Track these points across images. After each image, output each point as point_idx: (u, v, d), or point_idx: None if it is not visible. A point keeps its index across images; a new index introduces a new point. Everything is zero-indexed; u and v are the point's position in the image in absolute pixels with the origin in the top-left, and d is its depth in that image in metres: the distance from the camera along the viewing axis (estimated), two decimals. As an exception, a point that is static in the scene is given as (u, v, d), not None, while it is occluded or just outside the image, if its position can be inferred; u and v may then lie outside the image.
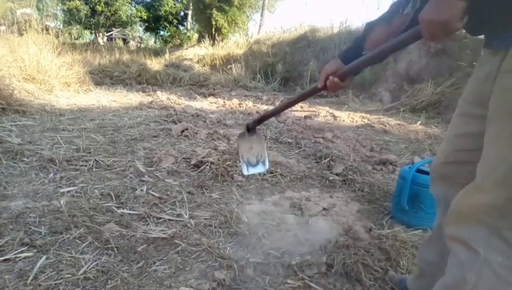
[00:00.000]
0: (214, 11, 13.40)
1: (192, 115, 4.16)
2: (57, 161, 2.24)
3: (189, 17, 19.01)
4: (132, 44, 19.83)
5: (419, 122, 4.72)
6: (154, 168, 2.32)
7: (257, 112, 4.73)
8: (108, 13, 16.85)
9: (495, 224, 0.75)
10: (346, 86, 1.14)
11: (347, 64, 1.09)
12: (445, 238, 0.85)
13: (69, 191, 1.89)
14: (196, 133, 3.25)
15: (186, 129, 3.27)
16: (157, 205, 1.81)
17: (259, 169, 1.59)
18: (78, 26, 16.29)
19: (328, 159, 2.73)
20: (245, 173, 1.58)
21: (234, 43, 12.50)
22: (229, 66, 9.42)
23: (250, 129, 1.58)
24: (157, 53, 12.39)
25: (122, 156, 2.53)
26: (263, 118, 1.54)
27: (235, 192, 2.07)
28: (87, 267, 1.26)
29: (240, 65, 9.37)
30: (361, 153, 3.07)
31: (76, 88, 5.43)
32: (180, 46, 16.66)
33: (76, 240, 1.43)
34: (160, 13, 19.20)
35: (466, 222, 0.79)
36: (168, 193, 1.97)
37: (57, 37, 7.07)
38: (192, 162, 2.42)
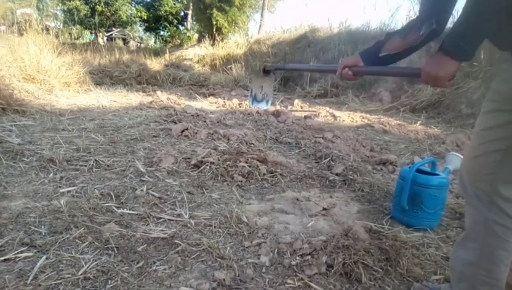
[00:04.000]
0: (215, 11, 13.41)
1: (192, 115, 4.16)
2: (57, 161, 2.24)
3: (189, 17, 19.02)
4: (132, 44, 19.83)
5: (419, 122, 4.72)
6: (154, 168, 2.33)
7: (257, 112, 4.72)
8: (108, 13, 16.85)
9: None
10: (355, 80, 1.41)
11: (364, 61, 1.36)
12: None
13: (69, 191, 1.89)
14: (196, 133, 3.25)
15: (186, 129, 3.26)
16: (157, 205, 1.81)
17: (262, 105, 1.84)
18: (78, 26, 16.30)
19: (328, 159, 2.73)
20: (250, 104, 1.84)
21: (234, 43, 12.50)
22: (229, 66, 9.42)
23: (266, 71, 1.86)
24: (157, 53, 12.38)
25: (122, 156, 2.54)
26: (281, 67, 1.89)
27: (235, 192, 2.07)
28: (87, 267, 1.26)
29: (240, 65, 9.36)
30: (361, 153, 3.07)
31: (76, 88, 5.43)
32: (180, 46, 16.66)
33: (76, 240, 1.43)
34: (160, 13, 19.21)
35: None
36: (168, 193, 1.97)
37: (57, 37, 7.08)
38: (192, 162, 2.42)
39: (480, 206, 1.00)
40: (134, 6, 19.37)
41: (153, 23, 20.13)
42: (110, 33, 19.86)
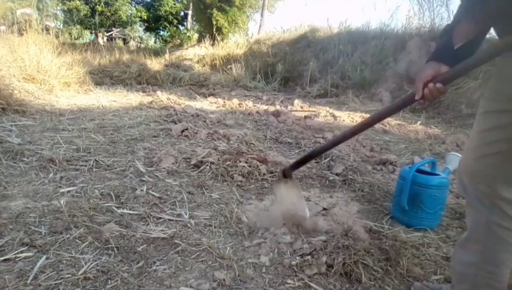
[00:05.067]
0: (215, 11, 13.40)
1: (192, 115, 4.16)
2: (57, 161, 2.24)
3: (189, 17, 19.01)
4: (132, 44, 19.82)
5: (419, 122, 4.72)
6: (154, 168, 2.32)
7: (257, 112, 4.73)
8: (108, 13, 16.85)
9: None
10: (446, 91, 1.05)
11: (447, 63, 1.01)
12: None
13: (69, 191, 1.89)
14: (196, 133, 3.25)
15: (186, 129, 3.26)
16: (157, 205, 1.81)
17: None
18: (78, 26, 16.29)
19: (328, 159, 2.73)
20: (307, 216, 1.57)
21: (234, 43, 12.50)
22: (229, 66, 9.41)
23: (286, 176, 1.53)
24: (157, 53, 12.38)
25: (122, 156, 2.53)
26: (300, 162, 1.48)
27: (235, 192, 2.07)
28: (87, 267, 1.26)
29: (240, 65, 9.36)
30: (361, 153, 3.07)
31: (76, 88, 5.43)
32: (180, 46, 16.65)
33: (76, 240, 1.43)
34: (160, 13, 19.19)
35: None
36: (168, 193, 1.97)
37: (57, 37, 7.07)
38: (192, 162, 2.42)
39: (481, 208, 0.99)
40: (134, 6, 19.36)
41: (153, 23, 20.12)
42: (110, 33, 19.85)
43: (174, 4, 19.35)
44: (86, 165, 2.26)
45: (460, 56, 0.98)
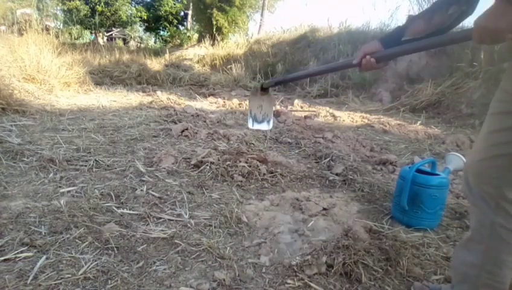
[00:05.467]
0: (215, 11, 13.40)
1: (192, 115, 4.16)
2: (57, 161, 2.24)
3: (189, 17, 19.01)
4: (132, 44, 19.82)
5: (419, 122, 4.72)
6: (154, 168, 2.33)
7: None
8: (108, 13, 16.84)
9: None
10: (379, 68, 1.22)
11: (384, 47, 1.17)
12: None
13: (69, 191, 1.89)
14: (196, 133, 3.25)
15: (186, 129, 3.27)
16: (157, 205, 1.81)
17: (263, 126, 1.79)
18: (78, 26, 16.29)
19: (328, 159, 2.73)
20: (250, 126, 1.74)
21: (234, 43, 12.50)
22: (229, 66, 9.41)
23: (264, 89, 1.70)
24: (157, 53, 12.38)
25: (122, 156, 2.53)
26: (280, 81, 1.73)
27: (235, 192, 2.07)
28: (87, 267, 1.26)
29: (240, 65, 9.36)
30: (361, 153, 3.07)
31: (76, 88, 5.43)
32: (180, 46, 16.66)
33: (76, 240, 1.43)
34: (160, 13, 19.19)
35: None
36: (168, 193, 1.97)
37: (57, 37, 7.07)
38: (192, 162, 2.42)
39: (486, 209, 0.98)
40: (134, 6, 19.34)
41: (153, 23, 20.11)
42: (110, 33, 19.85)
43: (174, 4, 19.34)
44: (86, 165, 2.26)
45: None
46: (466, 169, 1.05)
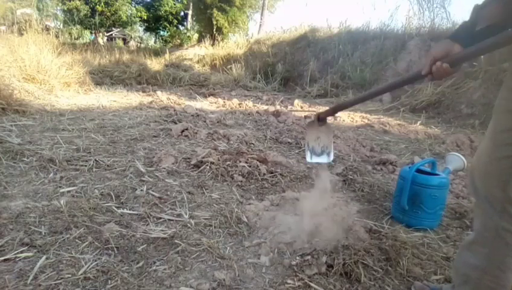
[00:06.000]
0: (215, 11, 13.41)
1: (192, 115, 4.16)
2: (57, 161, 2.24)
3: (189, 17, 19.01)
4: (132, 44, 19.83)
5: (419, 122, 4.72)
6: (154, 168, 2.32)
7: (257, 112, 4.73)
8: (108, 13, 16.85)
9: None
10: (455, 72, 1.01)
11: (461, 43, 0.96)
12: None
13: (69, 191, 1.89)
14: (196, 133, 3.25)
15: (186, 129, 3.27)
16: (157, 205, 1.81)
17: (323, 159, 1.68)
18: (78, 26, 16.29)
19: (328, 159, 2.73)
20: (308, 160, 1.66)
21: (234, 43, 12.51)
22: (229, 66, 9.42)
23: (321, 119, 1.62)
24: (157, 53, 12.39)
25: (122, 156, 2.53)
26: (336, 108, 1.56)
27: (235, 192, 2.07)
28: (87, 267, 1.26)
29: (240, 65, 9.37)
30: (361, 153, 3.07)
31: (76, 88, 5.44)
32: (180, 46, 16.66)
33: (76, 240, 1.43)
34: (160, 13, 19.20)
35: None
36: (168, 193, 1.97)
37: (57, 37, 7.09)
38: (192, 162, 2.42)
39: (491, 212, 0.96)
40: (134, 6, 19.35)
41: (153, 23, 20.12)
42: (110, 33, 19.86)
43: (174, 4, 19.35)
44: (86, 165, 2.26)
45: (480, 39, 0.92)
46: (472, 169, 1.02)
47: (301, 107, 5.63)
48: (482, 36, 0.92)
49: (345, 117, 4.93)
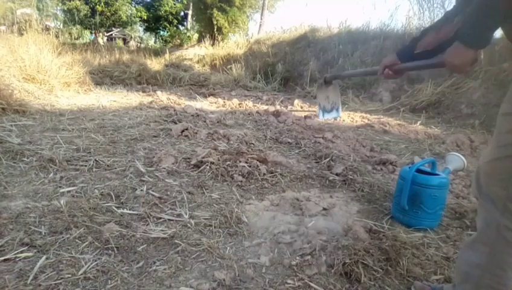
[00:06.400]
0: (215, 11, 13.41)
1: (192, 115, 4.16)
2: (57, 161, 2.24)
3: (189, 17, 19.02)
4: (132, 44, 19.83)
5: (419, 122, 4.72)
6: (154, 168, 2.33)
7: (257, 112, 4.73)
8: (108, 13, 16.85)
9: None
10: (399, 77, 1.47)
11: (401, 60, 1.39)
12: None
13: (69, 191, 1.89)
14: (196, 133, 3.25)
15: (186, 129, 3.27)
16: (157, 205, 1.81)
17: (333, 114, 1.98)
18: (78, 26, 16.30)
19: (328, 159, 2.73)
20: (320, 117, 1.89)
21: (234, 43, 12.51)
22: (229, 66, 9.42)
23: (327, 81, 1.88)
24: (157, 53, 12.39)
25: (122, 156, 2.53)
26: (337, 75, 1.93)
27: (235, 192, 2.07)
28: (87, 267, 1.26)
29: (240, 65, 9.37)
30: (361, 153, 3.07)
31: (76, 88, 5.44)
32: (180, 46, 16.66)
33: (76, 240, 1.43)
34: (160, 13, 19.20)
35: None
36: (168, 193, 1.97)
37: (57, 37, 7.10)
38: (192, 162, 2.42)
39: (493, 211, 0.97)
40: (134, 6, 19.36)
41: (153, 23, 20.13)
42: (110, 33, 19.86)
43: (174, 4, 19.35)
44: (86, 165, 2.26)
45: (417, 60, 1.34)
46: (478, 169, 1.05)
47: (301, 107, 5.63)
48: (417, 58, 1.35)
49: (345, 117, 4.93)
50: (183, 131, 3.24)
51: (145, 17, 19.47)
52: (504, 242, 0.96)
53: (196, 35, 17.34)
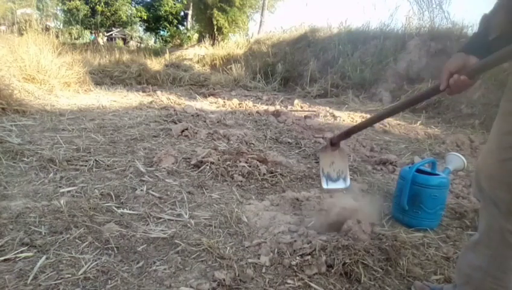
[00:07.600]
0: (215, 11, 13.42)
1: (192, 115, 4.16)
2: (57, 161, 2.24)
3: (189, 17, 19.03)
4: (132, 44, 19.83)
5: (419, 122, 4.72)
6: (154, 168, 2.32)
7: (257, 112, 4.73)
8: (108, 13, 16.86)
9: None
10: (473, 84, 0.99)
11: (475, 55, 0.96)
12: None
13: (69, 191, 1.89)
14: (196, 133, 3.25)
15: (186, 129, 3.26)
16: (157, 205, 1.81)
17: (340, 185, 1.59)
18: (78, 26, 16.30)
19: (328, 159, 2.73)
20: (324, 186, 1.58)
21: (234, 43, 12.51)
22: (229, 66, 9.41)
23: (334, 143, 1.56)
24: (157, 53, 12.38)
25: (122, 156, 2.53)
26: (349, 132, 1.49)
27: (235, 192, 2.07)
28: (87, 267, 1.26)
29: (240, 65, 9.36)
30: (361, 153, 3.07)
31: (76, 88, 5.43)
32: (180, 46, 16.67)
33: (76, 240, 1.43)
34: (160, 13, 19.22)
35: None
36: (168, 193, 1.97)
37: (57, 37, 7.09)
38: (192, 162, 2.42)
39: (496, 214, 0.95)
40: (134, 6, 19.38)
41: (153, 23, 20.15)
42: (110, 33, 19.87)
43: (174, 4, 19.37)
44: (86, 165, 2.26)
45: (495, 48, 0.89)
46: (478, 170, 1.01)
47: (301, 107, 5.63)
48: (497, 45, 0.90)
49: (344, 117, 4.93)
50: (183, 131, 3.24)
51: (145, 17, 19.49)
52: (507, 247, 0.95)
53: (196, 35, 17.35)
